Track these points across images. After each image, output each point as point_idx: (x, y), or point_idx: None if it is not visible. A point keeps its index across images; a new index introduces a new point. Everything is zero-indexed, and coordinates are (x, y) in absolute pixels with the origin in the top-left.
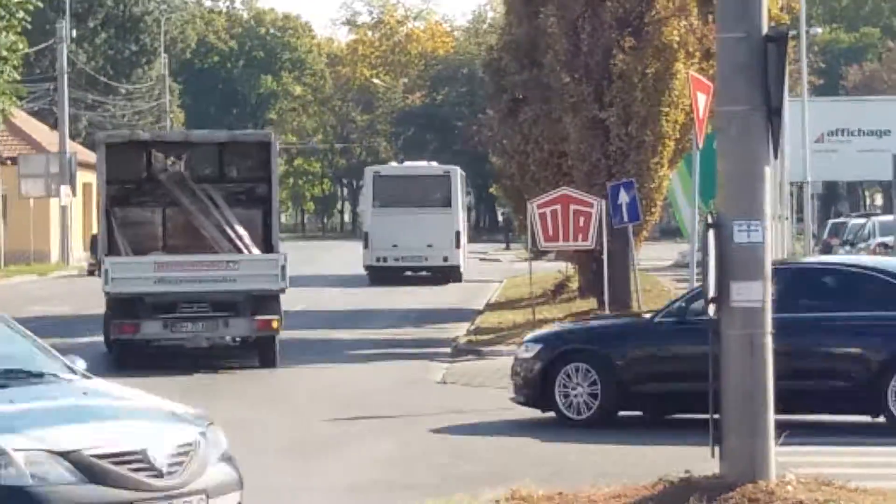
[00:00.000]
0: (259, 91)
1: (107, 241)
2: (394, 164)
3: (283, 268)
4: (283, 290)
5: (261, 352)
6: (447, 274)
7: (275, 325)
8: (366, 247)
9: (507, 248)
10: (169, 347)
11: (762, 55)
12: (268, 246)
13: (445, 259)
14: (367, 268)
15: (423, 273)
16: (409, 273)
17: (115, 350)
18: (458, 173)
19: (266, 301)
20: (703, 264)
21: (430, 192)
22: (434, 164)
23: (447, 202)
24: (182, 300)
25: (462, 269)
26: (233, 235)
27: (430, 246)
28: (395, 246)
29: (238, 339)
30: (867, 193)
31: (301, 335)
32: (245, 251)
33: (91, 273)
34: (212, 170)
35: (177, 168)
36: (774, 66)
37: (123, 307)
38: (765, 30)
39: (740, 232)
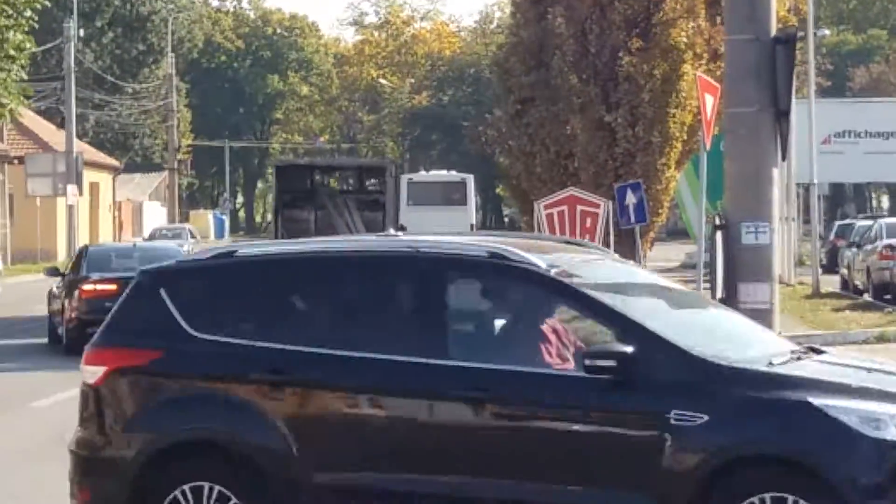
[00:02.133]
0: (266, 91)
1: (275, 232)
2: (423, 172)
3: None
4: None
5: None
6: None
7: None
8: None
9: None
10: None
11: (770, 57)
12: None
13: None
14: None
15: None
16: None
17: None
18: (471, 179)
19: None
20: (710, 266)
21: (451, 194)
22: (453, 172)
23: (464, 202)
24: None
25: None
26: (353, 231)
27: None
28: None
29: None
30: (874, 195)
31: None
32: None
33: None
34: (350, 185)
35: (328, 183)
36: (783, 68)
37: None
38: (773, 32)
39: (748, 233)
